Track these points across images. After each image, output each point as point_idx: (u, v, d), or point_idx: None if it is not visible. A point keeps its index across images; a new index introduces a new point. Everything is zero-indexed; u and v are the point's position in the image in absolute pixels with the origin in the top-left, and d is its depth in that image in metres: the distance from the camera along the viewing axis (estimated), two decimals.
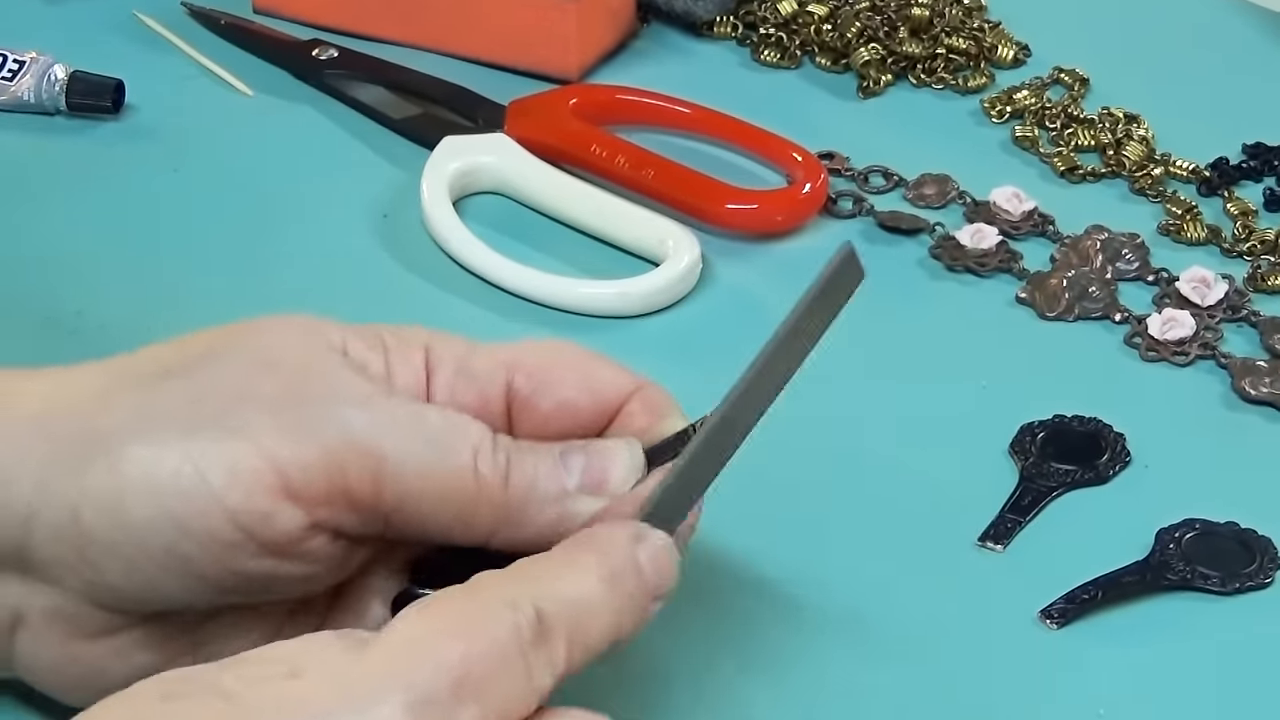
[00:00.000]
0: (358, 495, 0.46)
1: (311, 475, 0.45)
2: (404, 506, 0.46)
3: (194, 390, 0.47)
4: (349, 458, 0.46)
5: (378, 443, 0.46)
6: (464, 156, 0.73)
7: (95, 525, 0.45)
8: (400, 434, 0.46)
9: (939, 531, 0.59)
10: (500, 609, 0.43)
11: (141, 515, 0.45)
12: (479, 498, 0.47)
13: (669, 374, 0.65)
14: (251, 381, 0.47)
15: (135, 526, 0.45)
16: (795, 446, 0.62)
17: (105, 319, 0.66)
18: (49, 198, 0.73)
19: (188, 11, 0.83)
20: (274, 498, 0.45)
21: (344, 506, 0.46)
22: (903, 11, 0.82)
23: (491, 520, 0.47)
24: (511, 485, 0.47)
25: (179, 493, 0.45)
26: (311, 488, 0.45)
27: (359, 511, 0.46)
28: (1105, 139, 0.76)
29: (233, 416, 0.46)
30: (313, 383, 0.47)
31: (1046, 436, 0.62)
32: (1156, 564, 0.57)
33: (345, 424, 0.46)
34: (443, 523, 0.47)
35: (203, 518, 0.45)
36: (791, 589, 0.57)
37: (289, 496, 0.45)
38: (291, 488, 0.45)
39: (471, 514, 0.47)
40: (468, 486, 0.47)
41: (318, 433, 0.46)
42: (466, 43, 0.80)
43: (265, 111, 0.78)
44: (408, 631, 0.42)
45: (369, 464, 0.46)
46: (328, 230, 0.71)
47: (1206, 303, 0.68)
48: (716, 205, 0.71)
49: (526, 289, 0.68)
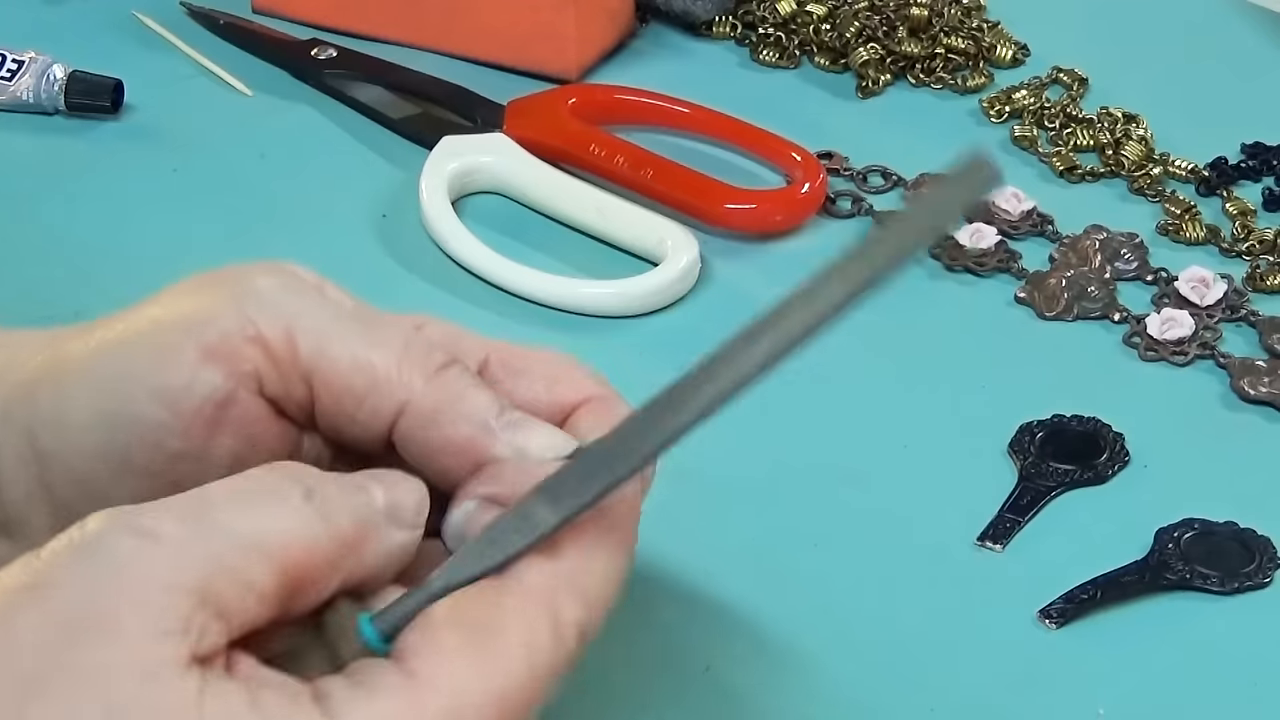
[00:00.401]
0: (272, 345, 0.46)
1: (226, 332, 0.46)
2: (319, 365, 0.46)
3: (139, 308, 0.48)
4: (262, 311, 0.46)
5: (293, 304, 0.47)
6: (463, 156, 0.73)
7: (44, 440, 0.46)
8: (321, 308, 0.47)
9: (938, 531, 0.59)
10: (542, 648, 0.42)
11: (79, 418, 0.46)
12: (395, 373, 0.46)
13: (667, 374, 0.65)
14: (191, 291, 0.48)
15: (74, 430, 0.46)
16: (794, 446, 0.62)
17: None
18: (48, 198, 0.73)
19: (187, 11, 0.83)
20: (193, 363, 0.46)
21: (262, 359, 0.46)
22: (901, 11, 0.82)
23: (402, 399, 0.46)
24: (440, 381, 0.46)
25: (109, 386, 0.46)
26: (227, 343, 0.46)
27: (277, 365, 0.46)
28: (1104, 139, 0.76)
29: (159, 310, 0.47)
30: (246, 274, 0.47)
31: (1045, 436, 0.62)
32: (1156, 564, 0.58)
33: (265, 294, 0.47)
34: (357, 388, 0.46)
35: (130, 403, 0.46)
36: (790, 588, 0.57)
37: (209, 358, 0.46)
38: (209, 349, 0.46)
39: (385, 385, 0.46)
40: (386, 360, 0.46)
41: (234, 295, 0.46)
42: (465, 42, 0.80)
43: (264, 111, 0.78)
44: (446, 684, 0.41)
45: (280, 321, 0.46)
46: (327, 230, 0.71)
47: (1205, 302, 0.68)
48: (715, 205, 0.71)
49: (525, 289, 0.68)
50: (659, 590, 0.55)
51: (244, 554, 0.41)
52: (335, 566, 0.43)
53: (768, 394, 0.64)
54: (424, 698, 0.41)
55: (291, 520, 0.42)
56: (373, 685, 0.41)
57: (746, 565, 0.57)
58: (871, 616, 0.56)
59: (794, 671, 0.54)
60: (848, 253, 0.43)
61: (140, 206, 0.72)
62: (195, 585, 0.40)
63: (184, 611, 0.40)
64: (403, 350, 0.47)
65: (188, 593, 0.40)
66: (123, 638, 0.39)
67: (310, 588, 0.42)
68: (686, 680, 0.53)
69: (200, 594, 0.40)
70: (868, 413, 0.64)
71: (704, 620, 0.55)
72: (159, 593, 0.40)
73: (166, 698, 0.39)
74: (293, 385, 0.47)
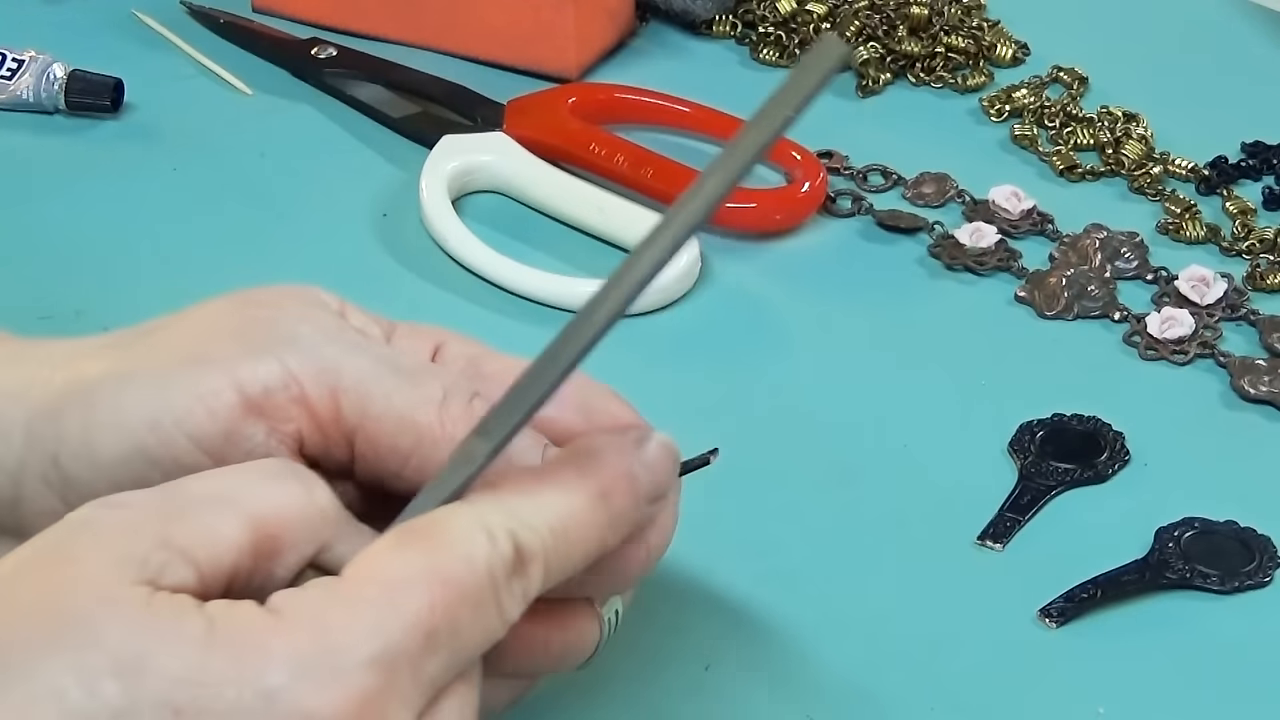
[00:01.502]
0: (316, 408, 0.46)
1: (271, 388, 0.46)
2: (365, 426, 0.46)
3: (171, 337, 0.48)
4: (307, 372, 0.46)
5: (336, 360, 0.46)
6: (463, 155, 0.73)
7: (72, 469, 0.46)
8: (362, 359, 0.47)
9: (938, 530, 0.59)
10: (476, 544, 0.42)
11: (112, 453, 0.46)
12: (440, 430, 0.46)
13: (667, 373, 0.65)
14: (225, 320, 0.48)
15: (107, 464, 0.46)
16: (794, 445, 0.62)
17: (105, 319, 0.66)
18: (48, 197, 0.73)
19: (187, 10, 0.83)
20: (236, 417, 0.46)
21: (307, 421, 0.46)
22: (902, 10, 0.82)
23: (445, 458, 0.46)
24: None
25: (145, 424, 0.46)
26: (271, 400, 0.46)
27: (321, 428, 0.46)
28: (1104, 138, 0.76)
29: (199, 349, 0.47)
30: (285, 316, 0.47)
31: (1045, 435, 0.62)
32: (1156, 563, 0.58)
33: (307, 343, 0.46)
34: (401, 450, 0.46)
35: (169, 446, 0.45)
36: (790, 588, 0.57)
37: (250, 412, 0.46)
38: (252, 403, 0.46)
39: (430, 445, 0.46)
40: (429, 415, 0.46)
41: (278, 351, 0.46)
42: (465, 41, 0.80)
43: (264, 110, 0.78)
44: (380, 573, 0.41)
45: (324, 378, 0.46)
46: (327, 229, 0.71)
47: (1205, 301, 0.68)
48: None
49: (525, 287, 0.68)
50: (659, 589, 0.55)
51: (209, 505, 0.42)
52: (312, 531, 0.43)
53: (768, 393, 0.65)
54: (359, 589, 0.41)
55: (267, 483, 0.43)
56: (310, 586, 0.41)
57: (746, 564, 0.57)
58: (872, 615, 0.56)
59: (794, 671, 0.54)
60: (721, 153, 0.44)
61: (140, 206, 0.72)
62: (155, 530, 0.41)
63: (141, 549, 0.40)
64: (444, 403, 0.47)
65: (146, 535, 0.40)
66: (80, 567, 0.40)
67: (286, 549, 0.42)
68: (686, 680, 0.53)
69: (160, 537, 0.40)
70: (868, 412, 0.64)
71: (704, 620, 0.55)
72: (117, 534, 0.40)
73: (118, 602, 0.39)
74: (334, 445, 0.47)
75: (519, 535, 0.43)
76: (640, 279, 0.44)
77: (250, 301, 0.48)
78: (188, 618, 0.39)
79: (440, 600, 0.41)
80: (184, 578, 0.40)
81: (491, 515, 0.43)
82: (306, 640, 0.40)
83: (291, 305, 0.48)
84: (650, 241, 0.43)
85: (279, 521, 0.42)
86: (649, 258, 0.43)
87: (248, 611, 0.40)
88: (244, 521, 0.42)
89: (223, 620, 0.39)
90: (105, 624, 0.39)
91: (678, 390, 0.64)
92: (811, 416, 0.63)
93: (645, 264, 0.43)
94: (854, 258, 0.71)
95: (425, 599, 0.41)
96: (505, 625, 0.43)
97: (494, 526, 0.43)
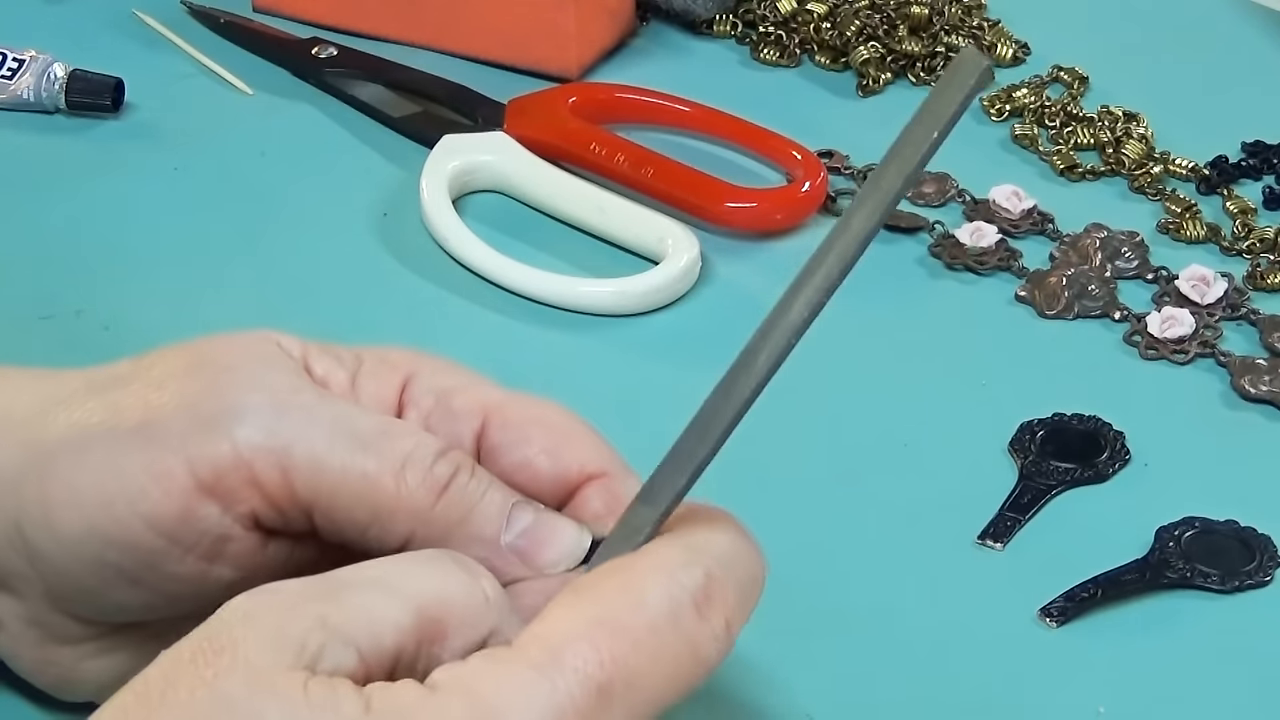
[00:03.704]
0: (268, 488, 0.45)
1: (221, 470, 0.45)
2: (318, 502, 0.45)
3: (126, 399, 0.47)
4: (255, 454, 0.45)
5: (283, 437, 0.45)
6: (463, 155, 0.73)
7: (35, 540, 0.46)
8: (313, 429, 0.45)
9: (938, 530, 0.59)
10: (650, 583, 0.40)
11: (69, 530, 0.45)
12: (397, 502, 0.45)
13: (667, 373, 0.65)
14: (178, 385, 0.46)
15: (65, 540, 0.45)
16: (794, 444, 0.62)
17: (105, 318, 0.66)
18: (49, 197, 0.73)
19: (187, 10, 0.83)
20: (189, 498, 0.45)
21: (260, 501, 0.45)
22: (902, 10, 0.82)
23: (409, 526, 0.45)
24: (444, 503, 0.45)
25: (99, 504, 0.45)
26: (223, 483, 0.45)
27: (276, 505, 0.45)
28: (1104, 137, 0.76)
29: (154, 423, 0.46)
30: (237, 381, 0.46)
31: (1046, 435, 0.62)
32: (1156, 562, 0.57)
33: (255, 418, 0.45)
34: (360, 521, 0.45)
35: (123, 527, 0.45)
36: (790, 588, 0.56)
37: (205, 494, 0.45)
38: (205, 485, 0.45)
39: (388, 517, 0.45)
40: (385, 488, 0.45)
41: (226, 428, 0.45)
42: (466, 41, 0.80)
43: (265, 110, 0.78)
44: (546, 633, 0.40)
45: (273, 459, 0.45)
46: (327, 229, 0.71)
47: (1206, 301, 0.68)
48: (716, 204, 0.71)
49: (526, 287, 0.68)
50: None
51: (369, 588, 0.40)
52: (479, 615, 0.41)
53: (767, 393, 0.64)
54: (523, 652, 0.39)
55: (428, 567, 0.42)
56: (474, 657, 0.40)
57: None
58: (872, 614, 0.56)
59: (794, 670, 0.54)
60: (865, 185, 0.43)
61: (141, 205, 0.72)
62: (313, 611, 0.39)
63: (298, 631, 0.39)
64: (402, 470, 0.45)
65: (304, 616, 0.39)
66: (236, 654, 0.39)
67: (451, 633, 0.41)
68: None
69: (317, 617, 0.39)
70: (868, 411, 0.64)
71: None
72: (273, 618, 0.39)
73: (275, 687, 0.38)
74: (291, 518, 0.46)
75: (703, 562, 0.41)
76: (794, 328, 0.43)
77: (206, 361, 0.47)
78: (344, 700, 0.38)
79: (610, 652, 0.39)
80: (344, 660, 0.39)
81: (667, 551, 0.41)
82: (460, 709, 0.38)
83: (246, 366, 0.46)
84: (789, 302, 0.43)
85: (441, 604, 0.41)
86: (796, 313, 0.43)
87: (405, 689, 0.39)
88: (405, 603, 0.40)
89: (379, 699, 0.38)
90: (263, 710, 0.38)
91: (678, 390, 0.64)
92: (811, 416, 0.63)
93: (795, 316, 0.43)
94: None
95: (593, 653, 0.39)
96: (706, 663, 0.41)
97: (670, 561, 0.41)
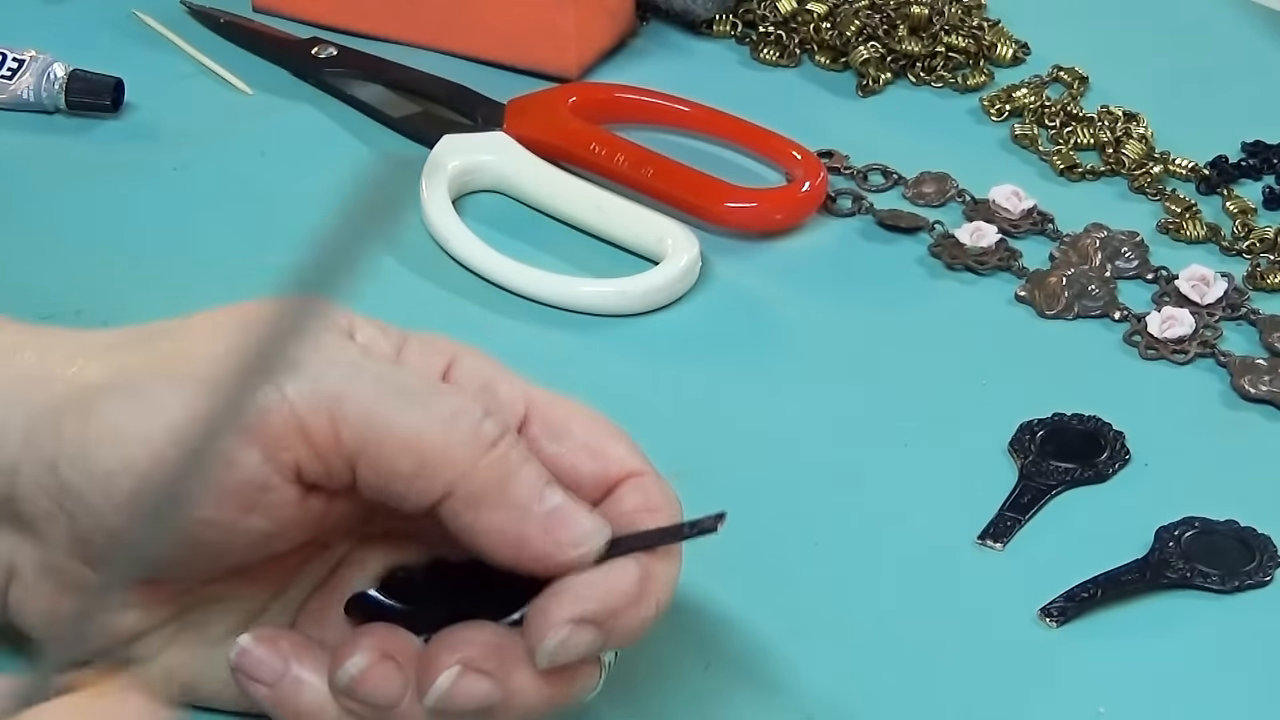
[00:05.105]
0: (315, 436, 0.46)
1: (268, 415, 0.45)
2: (365, 451, 0.46)
3: (173, 349, 0.48)
4: (306, 404, 0.45)
5: (335, 387, 0.46)
6: (463, 155, 0.73)
7: (69, 477, 0.46)
8: (363, 383, 0.46)
9: (938, 530, 0.59)
10: None
11: (107, 466, 0.46)
12: (444, 454, 0.46)
13: (668, 372, 0.65)
14: (224, 339, 0.47)
15: (102, 477, 0.46)
16: (794, 445, 0.62)
17: (105, 318, 0.66)
18: (49, 197, 0.73)
19: (187, 10, 0.83)
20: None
21: (303, 448, 0.46)
22: (902, 10, 0.82)
23: (452, 479, 0.46)
24: (489, 460, 0.46)
25: (139, 441, 0.45)
26: (269, 429, 0.45)
27: (320, 455, 0.46)
28: (1104, 137, 0.76)
29: (197, 365, 0.46)
30: None
31: (1046, 435, 0.62)
32: (1156, 562, 0.57)
33: (307, 372, 0.46)
34: (404, 471, 0.46)
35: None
36: (790, 587, 0.57)
37: (248, 439, 0.45)
38: (248, 429, 0.45)
39: (433, 468, 0.46)
40: (434, 438, 0.46)
41: (279, 379, 0.45)
42: (466, 41, 0.80)
43: (265, 110, 0.78)
44: None
45: (323, 406, 0.46)
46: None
47: (1206, 301, 0.68)
48: (716, 204, 0.71)
49: (526, 287, 0.68)
50: None
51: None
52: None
53: (768, 393, 0.65)
54: None
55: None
56: None
57: (746, 564, 0.57)
58: (871, 615, 0.56)
59: (794, 671, 0.54)
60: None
61: (140, 205, 0.72)
62: None
63: None
64: (450, 426, 0.46)
65: None
66: None
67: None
68: (686, 680, 0.53)
69: None
70: (868, 411, 0.64)
71: (704, 620, 0.55)
72: None
73: None
74: (334, 470, 0.46)
75: None
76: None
77: (251, 319, 0.48)
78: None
79: None
80: None
81: None
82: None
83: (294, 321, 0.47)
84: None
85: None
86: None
87: None
88: None
89: None
90: None
91: (678, 390, 0.64)
92: (812, 416, 0.63)
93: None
94: (854, 257, 0.71)
95: None
96: None
97: None
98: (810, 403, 0.64)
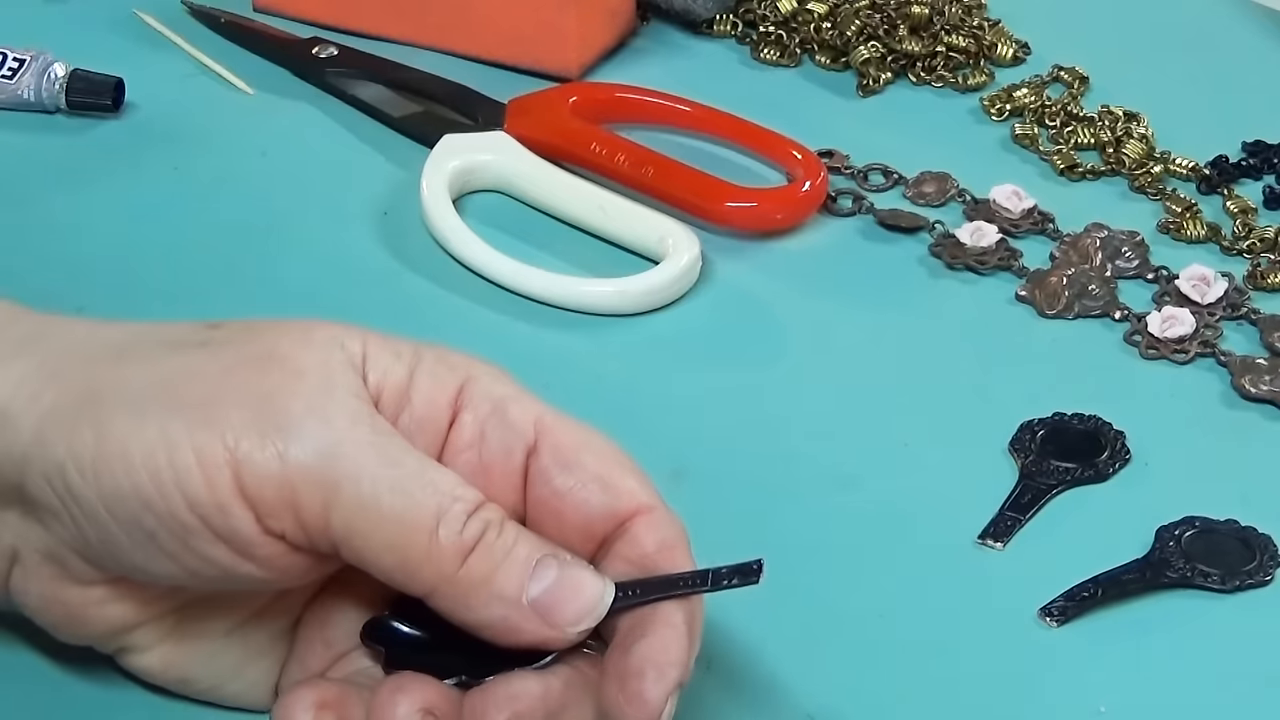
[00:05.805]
0: (305, 517, 0.46)
1: (264, 484, 0.45)
2: (351, 540, 0.46)
3: (194, 369, 0.47)
4: (303, 479, 0.46)
5: (335, 474, 0.46)
6: (464, 154, 0.73)
7: (76, 485, 0.46)
8: (364, 472, 0.46)
9: (939, 529, 0.59)
10: None
11: (113, 485, 0.46)
12: (426, 559, 0.46)
13: (668, 372, 0.65)
14: (246, 374, 0.47)
15: (107, 494, 0.46)
16: (794, 444, 0.62)
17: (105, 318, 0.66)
18: (48, 197, 0.73)
19: (188, 10, 0.83)
20: (228, 497, 0.45)
21: (292, 523, 0.46)
22: (902, 10, 0.82)
23: (434, 582, 0.46)
24: (468, 565, 0.46)
25: (147, 470, 0.46)
26: (263, 496, 0.46)
27: (306, 531, 0.46)
28: (1105, 137, 0.76)
29: (216, 406, 0.46)
30: (301, 392, 0.46)
31: (1046, 434, 0.62)
32: (1156, 562, 0.57)
33: (310, 444, 0.46)
34: (386, 566, 0.46)
35: (164, 499, 0.46)
36: (790, 587, 0.57)
37: (243, 500, 0.46)
38: (245, 491, 0.45)
39: (415, 569, 0.46)
40: (418, 544, 0.46)
41: (282, 444, 0.45)
42: (466, 41, 0.80)
43: (265, 110, 0.78)
44: None
45: (321, 492, 0.46)
46: (328, 228, 0.71)
47: (1206, 300, 0.68)
48: (716, 203, 0.71)
49: (526, 287, 0.68)
50: None
51: None
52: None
53: (768, 393, 0.64)
54: None
55: None
56: None
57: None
58: (871, 614, 0.56)
59: (794, 671, 0.54)
60: None
61: (141, 205, 0.72)
62: None
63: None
64: (435, 526, 0.46)
65: None
66: None
67: None
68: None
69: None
70: (868, 411, 0.64)
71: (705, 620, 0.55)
72: None
73: None
74: (320, 545, 0.47)
75: None
76: None
77: (276, 357, 0.47)
78: None
79: None
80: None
81: None
82: None
83: (314, 376, 0.47)
84: None
85: None
86: None
87: None
88: None
89: None
90: None
91: (678, 390, 0.64)
92: (812, 416, 0.63)
93: None
94: (854, 257, 0.71)
95: None
96: None
97: None
98: (810, 402, 0.64)
